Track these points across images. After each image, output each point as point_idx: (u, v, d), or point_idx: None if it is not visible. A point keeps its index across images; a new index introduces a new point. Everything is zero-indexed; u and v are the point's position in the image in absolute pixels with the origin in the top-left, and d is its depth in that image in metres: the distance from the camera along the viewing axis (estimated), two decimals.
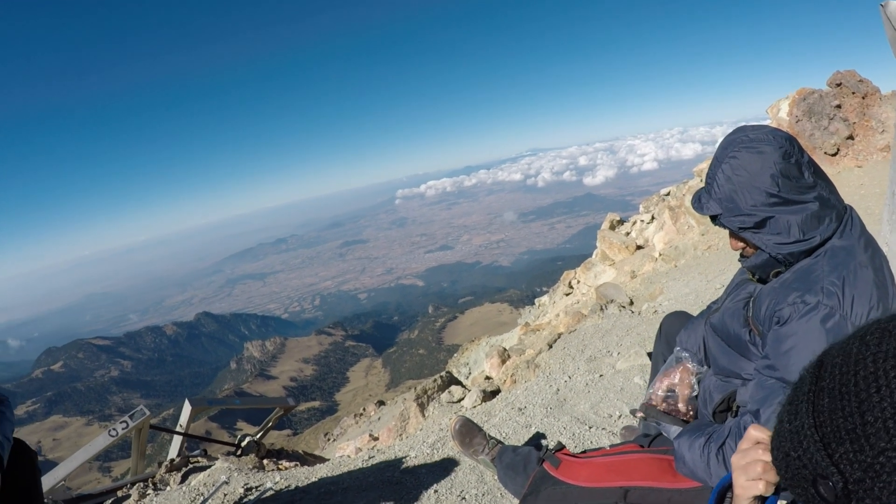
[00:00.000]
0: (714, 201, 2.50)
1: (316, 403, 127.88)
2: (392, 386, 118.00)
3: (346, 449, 9.24)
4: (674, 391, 2.98)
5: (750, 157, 2.39)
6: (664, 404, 2.96)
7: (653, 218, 16.23)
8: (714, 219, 2.58)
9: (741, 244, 2.61)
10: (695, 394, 2.97)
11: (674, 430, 2.88)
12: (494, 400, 5.51)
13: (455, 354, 23.20)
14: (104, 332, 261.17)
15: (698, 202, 2.59)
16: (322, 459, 8.17)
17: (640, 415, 3.03)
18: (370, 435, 9.37)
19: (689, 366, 3.00)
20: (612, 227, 17.87)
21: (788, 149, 2.38)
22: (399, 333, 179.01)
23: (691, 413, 2.96)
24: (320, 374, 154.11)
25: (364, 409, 17.07)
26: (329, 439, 16.83)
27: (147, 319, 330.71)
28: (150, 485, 6.51)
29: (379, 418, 14.49)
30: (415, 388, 16.46)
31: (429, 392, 6.40)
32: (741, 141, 2.44)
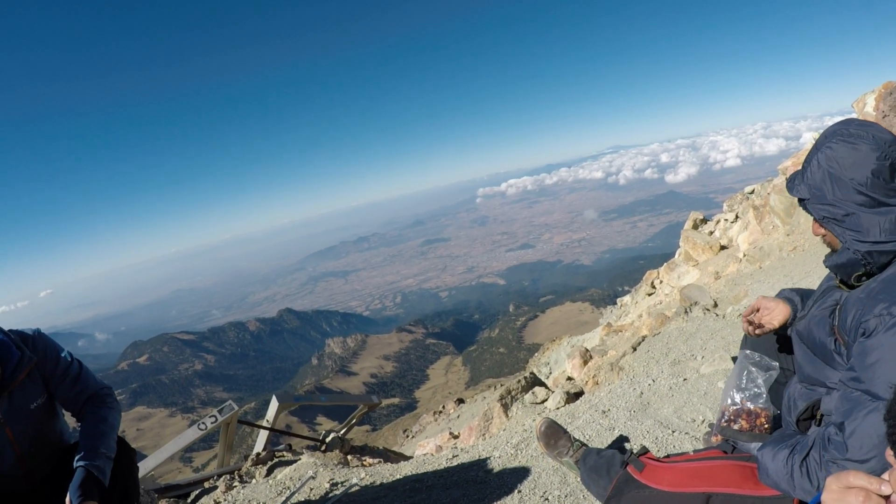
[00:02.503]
0: (804, 185, 2.54)
1: (395, 400, 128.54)
2: (472, 384, 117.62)
3: (427, 446, 9.30)
4: (742, 404, 2.97)
5: (845, 150, 2.40)
6: (741, 421, 2.95)
7: (737, 217, 15.91)
8: (801, 202, 2.62)
9: (822, 231, 2.63)
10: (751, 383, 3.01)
11: (753, 445, 2.88)
12: (578, 402, 5.46)
13: (536, 354, 23.10)
14: (189, 327, 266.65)
15: (791, 183, 2.63)
16: (403, 456, 8.25)
17: (715, 439, 3.02)
18: (450, 433, 9.42)
19: (747, 359, 3.04)
20: (696, 227, 17.60)
21: (886, 151, 2.36)
22: (479, 332, 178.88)
23: (766, 426, 2.95)
24: (400, 371, 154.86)
25: (443, 407, 17.14)
26: (408, 436, 16.95)
27: (231, 315, 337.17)
28: (237, 477, 6.68)
29: (458, 416, 14.52)
30: (495, 387, 16.47)
31: (512, 392, 6.40)
32: (841, 133, 2.45)
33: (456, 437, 8.95)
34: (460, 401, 17.44)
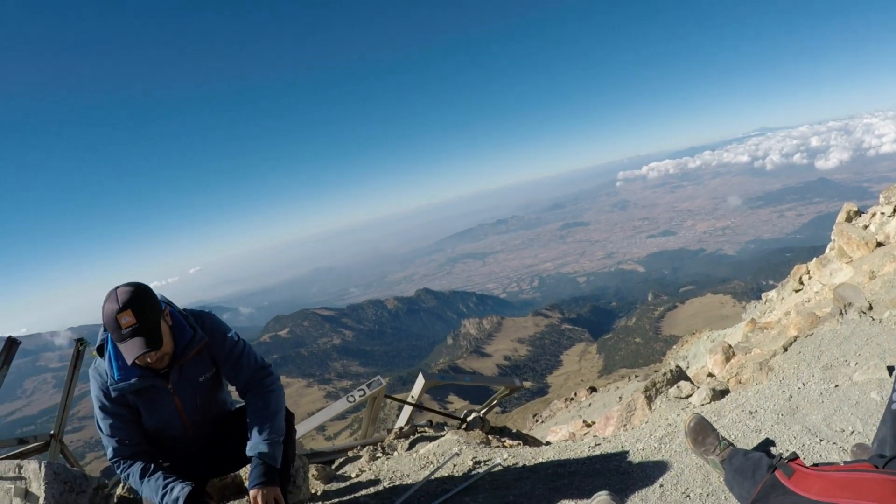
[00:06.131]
0: None
1: (527, 384, 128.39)
2: (605, 373, 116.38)
3: (559, 433, 9.34)
4: None
5: None
6: None
7: (894, 210, 15.17)
8: None
9: None
10: None
11: None
12: (724, 400, 5.37)
13: (674, 346, 22.72)
14: (328, 304, 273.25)
15: None
16: (538, 441, 8.34)
17: None
18: (584, 421, 9.43)
19: None
20: (849, 219, 16.84)
21: None
22: (616, 320, 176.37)
23: None
24: (534, 355, 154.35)
25: (575, 395, 17.06)
26: (538, 420, 16.97)
27: (370, 293, 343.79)
28: (380, 449, 6.93)
29: (590, 405, 14.43)
30: (629, 378, 16.29)
31: (657, 385, 6.36)
32: None
33: (589, 425, 8.95)
34: (592, 389, 17.33)
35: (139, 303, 3.31)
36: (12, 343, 6.34)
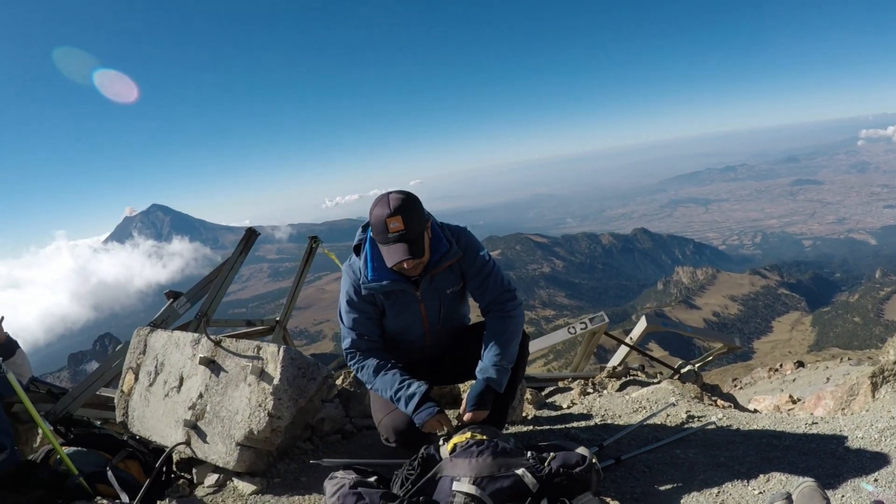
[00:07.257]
0: None
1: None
2: (815, 349, 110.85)
3: (761, 402, 9.25)
4: None
5: None
6: None
7: None
8: None
9: None
10: None
11: None
12: None
13: None
14: (543, 231, 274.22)
15: None
16: (744, 407, 8.31)
17: None
18: (790, 396, 9.30)
19: None
20: None
21: None
22: (837, 293, 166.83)
23: None
24: (745, 315, 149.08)
25: (780, 366, 16.62)
26: (736, 386, 16.69)
27: (585, 226, 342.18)
28: (591, 384, 7.20)
29: (794, 380, 14.02)
30: (841, 359, 15.63)
31: (885, 373, 6.16)
32: None
33: (795, 401, 8.82)
34: (800, 364, 16.76)
35: (409, 211, 3.66)
36: (251, 233, 7.15)
